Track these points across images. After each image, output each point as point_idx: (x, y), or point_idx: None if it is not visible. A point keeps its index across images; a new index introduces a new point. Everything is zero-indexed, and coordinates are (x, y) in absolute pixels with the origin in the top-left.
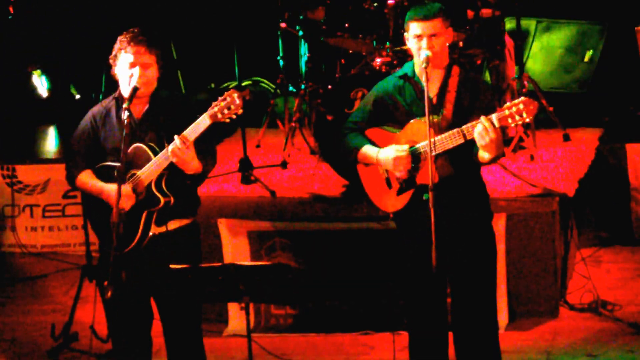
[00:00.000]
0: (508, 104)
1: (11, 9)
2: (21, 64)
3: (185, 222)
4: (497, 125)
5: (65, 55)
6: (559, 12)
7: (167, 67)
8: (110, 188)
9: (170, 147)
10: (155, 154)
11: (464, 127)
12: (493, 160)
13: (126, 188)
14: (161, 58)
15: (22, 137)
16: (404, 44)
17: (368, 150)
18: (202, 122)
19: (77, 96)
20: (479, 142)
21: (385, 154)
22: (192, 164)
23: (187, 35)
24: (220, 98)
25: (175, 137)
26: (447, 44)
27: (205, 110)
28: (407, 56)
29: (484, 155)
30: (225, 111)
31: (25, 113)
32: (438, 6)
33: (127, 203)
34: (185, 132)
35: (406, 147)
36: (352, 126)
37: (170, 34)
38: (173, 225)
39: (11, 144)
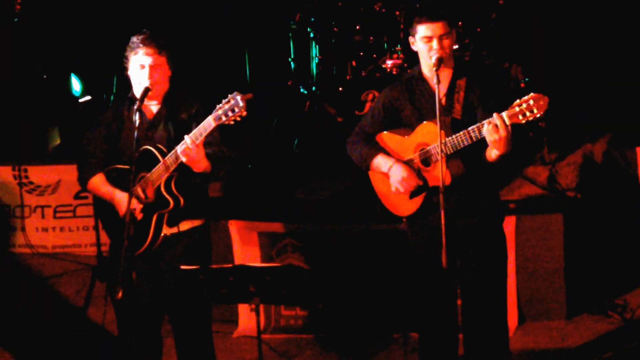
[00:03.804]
0: (518, 100)
1: (18, 7)
2: (33, 64)
3: (196, 223)
4: (508, 122)
5: (78, 56)
6: (567, 13)
7: (180, 68)
8: (121, 197)
9: (180, 147)
10: (164, 156)
11: (474, 126)
12: (501, 159)
13: (134, 202)
14: (172, 59)
15: (34, 138)
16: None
17: (380, 161)
18: (207, 125)
19: (88, 97)
20: (489, 139)
21: (396, 173)
22: (202, 163)
23: (197, 37)
24: (224, 100)
25: (186, 137)
26: (454, 46)
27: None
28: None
29: (491, 153)
30: (230, 113)
31: (37, 113)
32: (444, 7)
33: (137, 211)
34: (191, 134)
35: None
36: (362, 132)
37: (181, 36)
38: (185, 226)
39: (23, 145)
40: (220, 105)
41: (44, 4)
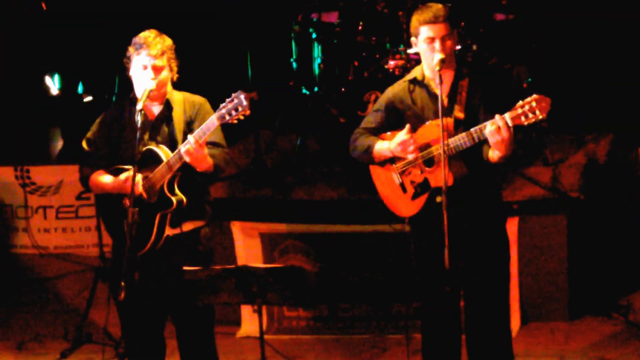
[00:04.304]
0: (520, 102)
1: (44, 6)
2: (35, 65)
3: (199, 223)
4: (510, 124)
5: (79, 57)
6: (569, 11)
7: (182, 69)
8: (123, 177)
9: (184, 147)
10: (167, 156)
11: (476, 127)
12: (503, 160)
13: (137, 177)
14: (175, 59)
15: (36, 138)
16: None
17: (381, 145)
18: (210, 124)
19: (89, 97)
20: (491, 140)
21: (394, 141)
22: (205, 163)
23: (199, 38)
24: (227, 99)
25: (189, 136)
26: (457, 47)
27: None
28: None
29: (494, 154)
30: (233, 112)
31: (39, 114)
32: (445, 8)
33: (138, 189)
34: (194, 134)
35: (407, 127)
36: (364, 131)
37: (183, 36)
38: (187, 226)
39: (25, 146)
40: (224, 104)
41: (46, 4)
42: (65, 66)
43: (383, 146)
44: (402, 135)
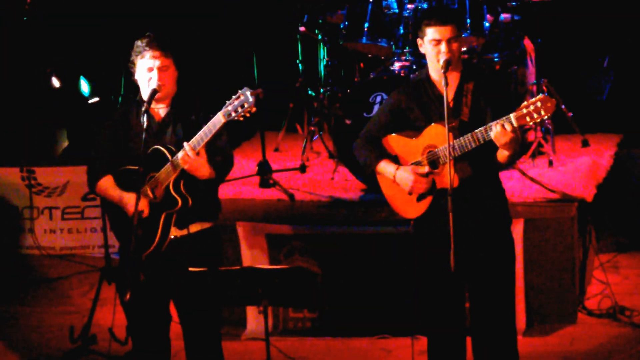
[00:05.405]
0: (525, 102)
1: (27, 7)
2: (40, 65)
3: (206, 225)
4: (515, 124)
5: (84, 57)
6: (575, 12)
7: (188, 70)
8: (129, 197)
9: (180, 154)
10: (173, 155)
11: (482, 128)
12: (511, 160)
13: (143, 201)
14: (179, 60)
15: (41, 139)
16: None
17: (385, 167)
18: (216, 122)
19: (95, 99)
20: (496, 140)
21: (403, 176)
22: (203, 171)
23: (205, 39)
24: (233, 96)
25: (185, 144)
26: (462, 49)
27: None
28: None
29: (502, 153)
30: (239, 109)
31: (44, 115)
32: (453, 10)
33: (145, 211)
34: (200, 133)
35: (425, 169)
36: (369, 135)
37: (188, 37)
38: (194, 228)
39: (31, 146)
40: (230, 101)
41: (50, 5)
42: (69, 67)
43: (388, 170)
44: (419, 174)
